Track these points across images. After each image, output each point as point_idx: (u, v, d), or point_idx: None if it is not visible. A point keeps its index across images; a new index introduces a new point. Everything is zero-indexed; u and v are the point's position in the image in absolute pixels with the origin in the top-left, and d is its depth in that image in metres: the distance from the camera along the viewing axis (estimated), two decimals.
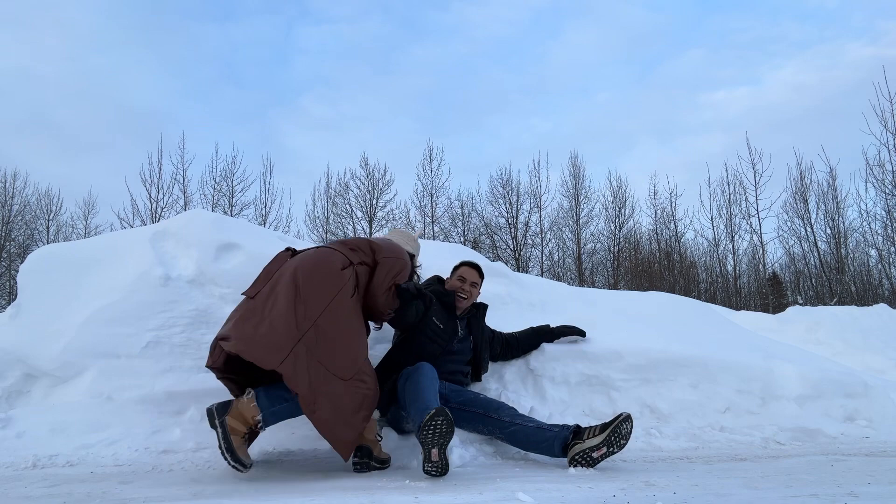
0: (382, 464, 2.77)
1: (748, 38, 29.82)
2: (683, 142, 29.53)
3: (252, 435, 2.59)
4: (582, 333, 3.81)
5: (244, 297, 2.78)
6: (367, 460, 2.69)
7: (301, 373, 2.45)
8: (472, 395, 3.12)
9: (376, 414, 2.95)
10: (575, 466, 2.64)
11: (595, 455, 2.64)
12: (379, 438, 2.83)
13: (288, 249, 3.00)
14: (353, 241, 2.99)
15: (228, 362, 2.67)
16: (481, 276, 3.48)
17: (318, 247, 3.02)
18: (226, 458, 2.42)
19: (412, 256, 3.36)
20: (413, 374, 2.83)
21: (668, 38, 31.82)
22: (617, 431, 2.63)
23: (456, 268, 3.55)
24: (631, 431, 2.66)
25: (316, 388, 2.46)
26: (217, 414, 2.49)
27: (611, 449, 2.63)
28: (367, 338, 2.83)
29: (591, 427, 2.71)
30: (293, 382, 2.44)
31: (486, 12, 32.08)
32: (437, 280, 3.54)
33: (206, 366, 2.73)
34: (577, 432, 2.72)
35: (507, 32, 31.66)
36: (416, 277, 3.42)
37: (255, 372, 2.72)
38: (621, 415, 2.67)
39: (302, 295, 2.61)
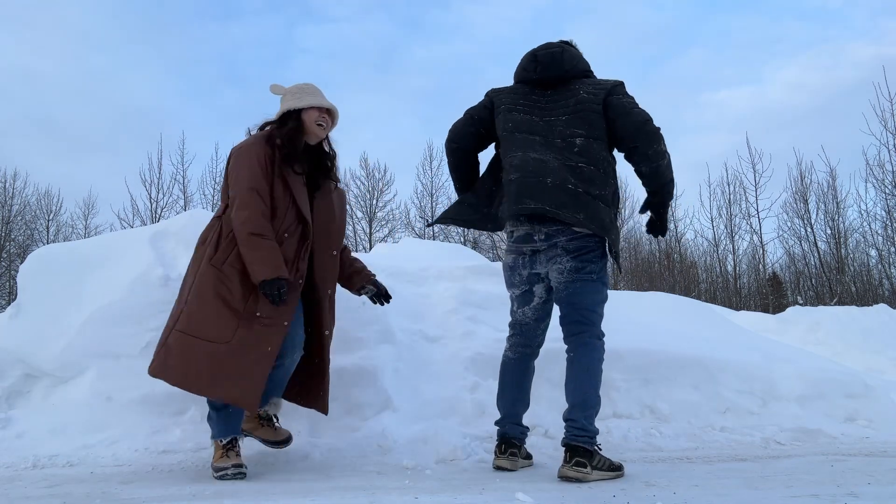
0: (262, 440, 2.77)
1: (750, 37, 29.85)
2: (685, 142, 29.53)
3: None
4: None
5: None
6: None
7: None
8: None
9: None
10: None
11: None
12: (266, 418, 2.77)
13: None
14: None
15: None
16: None
17: None
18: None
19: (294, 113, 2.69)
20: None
21: (670, 38, 31.84)
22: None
23: None
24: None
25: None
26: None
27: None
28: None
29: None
30: None
31: (487, 11, 32.13)
32: None
33: None
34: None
35: (509, 32, 31.67)
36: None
37: None
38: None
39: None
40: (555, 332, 2.77)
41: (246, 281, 2.47)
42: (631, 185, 18.98)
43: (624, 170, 2.80)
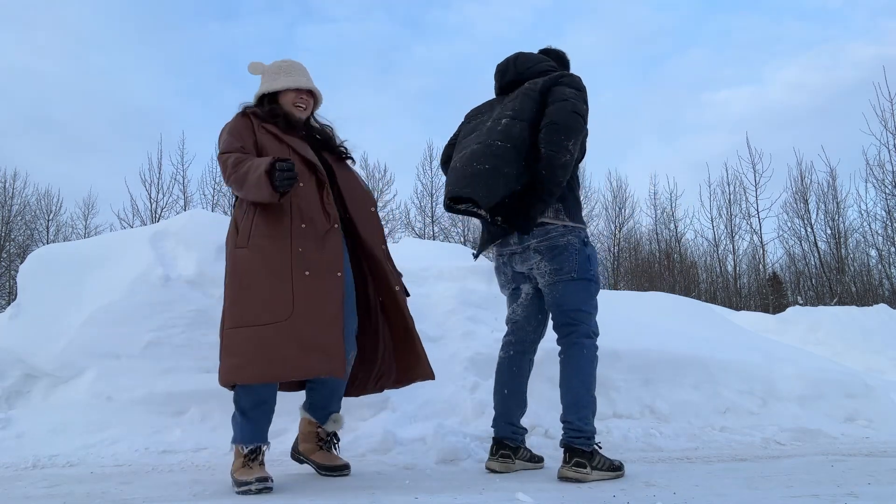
0: (317, 467, 2.51)
1: (751, 37, 29.80)
2: (685, 141, 29.53)
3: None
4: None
5: None
6: (292, 450, 2.61)
7: None
8: None
9: (304, 414, 2.58)
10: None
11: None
12: (321, 440, 2.55)
13: None
14: None
15: None
16: None
17: None
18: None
19: (268, 96, 2.53)
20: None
21: (671, 38, 31.79)
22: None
23: None
24: None
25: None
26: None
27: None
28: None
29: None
30: None
31: (488, 11, 32.04)
32: None
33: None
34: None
35: (510, 32, 31.59)
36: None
37: None
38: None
39: None
40: (551, 331, 2.77)
41: (281, 246, 2.24)
42: (631, 185, 18.99)
43: (626, 169, 2.77)
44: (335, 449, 2.60)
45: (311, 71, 2.63)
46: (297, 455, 2.62)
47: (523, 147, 2.43)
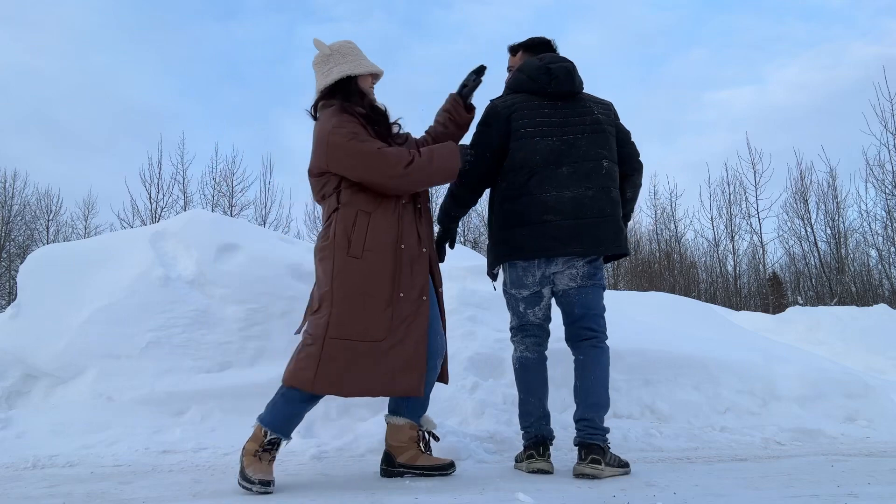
0: (425, 470, 2.45)
1: (752, 37, 29.78)
2: (686, 141, 29.51)
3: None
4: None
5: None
6: (387, 467, 2.49)
7: None
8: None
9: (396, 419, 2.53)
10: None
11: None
12: (422, 442, 2.52)
13: None
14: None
15: None
16: None
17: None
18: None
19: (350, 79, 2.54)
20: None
21: (671, 38, 31.79)
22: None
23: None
24: None
25: None
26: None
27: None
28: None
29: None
30: None
31: (488, 11, 32.05)
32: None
33: None
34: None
35: (510, 31, 31.66)
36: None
37: None
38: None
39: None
40: (554, 332, 2.77)
41: (386, 261, 2.35)
42: None
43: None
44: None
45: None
46: (393, 470, 2.49)
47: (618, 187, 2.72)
